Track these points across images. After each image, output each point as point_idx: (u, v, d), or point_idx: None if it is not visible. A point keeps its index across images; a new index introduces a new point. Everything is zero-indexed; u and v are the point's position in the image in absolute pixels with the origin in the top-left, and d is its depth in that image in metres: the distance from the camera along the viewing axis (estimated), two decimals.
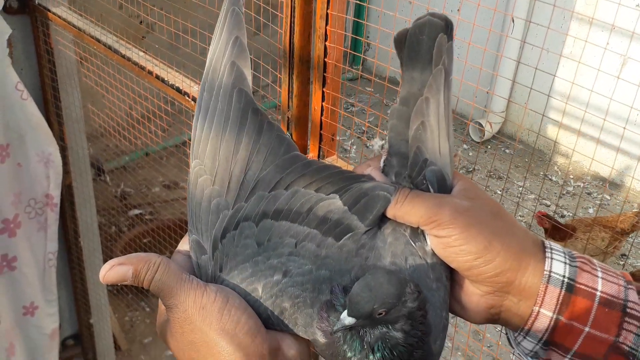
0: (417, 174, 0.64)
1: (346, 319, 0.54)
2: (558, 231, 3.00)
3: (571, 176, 4.23)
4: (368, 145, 0.69)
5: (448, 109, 0.65)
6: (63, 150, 1.98)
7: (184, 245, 0.66)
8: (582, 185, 4.15)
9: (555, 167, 4.32)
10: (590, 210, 3.93)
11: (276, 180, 0.63)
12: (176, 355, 0.61)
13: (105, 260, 2.35)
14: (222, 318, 0.57)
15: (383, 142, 0.68)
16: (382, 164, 0.67)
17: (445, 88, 0.65)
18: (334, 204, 0.62)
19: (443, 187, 0.63)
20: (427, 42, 0.64)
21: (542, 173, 4.22)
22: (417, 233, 0.62)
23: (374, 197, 0.61)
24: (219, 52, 0.67)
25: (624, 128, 1.04)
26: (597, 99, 1.13)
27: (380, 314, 0.54)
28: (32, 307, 1.96)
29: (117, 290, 3.00)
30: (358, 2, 1.20)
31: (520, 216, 3.64)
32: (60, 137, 2.04)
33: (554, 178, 4.22)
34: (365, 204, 0.61)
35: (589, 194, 4.09)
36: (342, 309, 0.55)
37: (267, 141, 0.64)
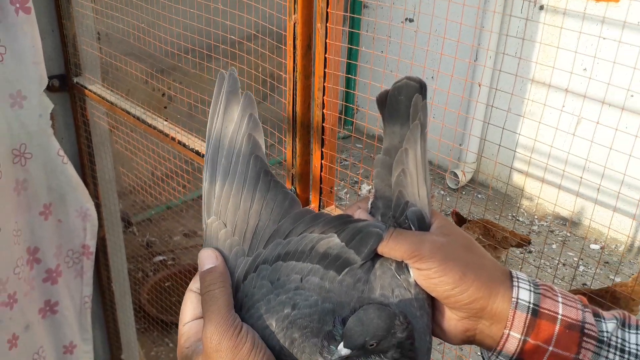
0: (400, 215, 0.64)
1: (342, 350, 0.54)
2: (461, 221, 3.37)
3: (536, 217, 4.23)
4: (360, 193, 0.71)
5: (424, 157, 0.67)
6: (97, 207, 1.98)
7: (195, 284, 0.65)
8: (545, 224, 4.15)
9: (522, 209, 4.32)
10: (554, 246, 3.92)
11: (289, 229, 0.64)
12: None
13: (134, 302, 2.33)
14: (249, 357, 0.56)
15: (370, 187, 0.69)
16: (369, 206, 0.67)
17: (421, 140, 0.66)
18: (332, 241, 0.62)
19: (423, 225, 0.64)
20: (405, 102, 0.66)
21: (510, 215, 4.22)
22: (402, 266, 0.62)
23: (368, 234, 0.62)
24: (235, 126, 0.68)
25: (581, 177, 1.05)
26: (555, 151, 1.15)
27: (372, 345, 0.54)
28: (71, 346, 1.93)
29: (144, 329, 2.96)
30: (348, 75, 1.22)
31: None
32: (95, 196, 2.05)
33: (520, 219, 4.22)
34: (360, 239, 0.62)
35: (551, 231, 4.09)
36: (341, 339, 0.55)
37: (274, 196, 0.65)
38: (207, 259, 0.62)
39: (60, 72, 1.89)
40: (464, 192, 4.49)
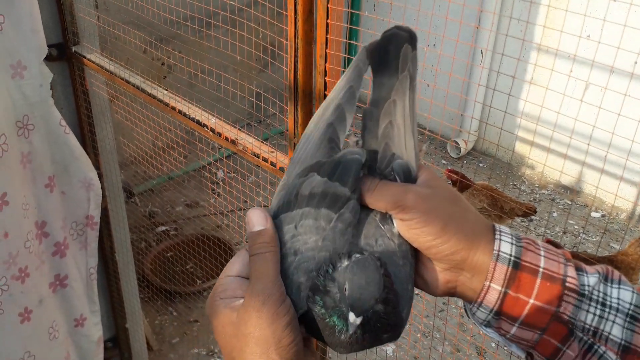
0: (386, 167, 0.64)
1: (356, 320, 0.54)
2: (463, 182, 3.21)
3: (537, 185, 4.23)
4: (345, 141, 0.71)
5: (413, 109, 0.66)
6: (99, 177, 1.97)
7: (235, 265, 0.64)
8: (546, 192, 4.15)
9: (523, 178, 4.32)
10: (555, 214, 3.92)
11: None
12: (223, 338, 0.59)
13: (137, 272, 2.34)
14: (284, 332, 0.56)
15: (357, 138, 0.68)
16: None
17: (410, 91, 0.65)
18: (314, 180, 0.62)
19: (408, 177, 0.64)
20: (394, 52, 0.65)
21: (512, 183, 4.22)
22: (386, 217, 0.62)
23: (348, 162, 0.62)
24: (334, 95, 0.68)
25: (588, 144, 1.03)
26: (557, 119, 1.13)
27: (377, 301, 0.54)
28: (82, 319, 1.94)
29: (148, 298, 2.99)
30: (350, 41, 1.20)
31: (495, 221, 3.63)
32: (96, 166, 2.04)
33: (522, 187, 4.21)
34: (342, 169, 0.61)
35: (552, 200, 4.09)
36: (323, 289, 0.56)
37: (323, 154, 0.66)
38: (258, 219, 0.61)
39: (58, 41, 1.86)
40: (465, 161, 4.48)
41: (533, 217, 3.79)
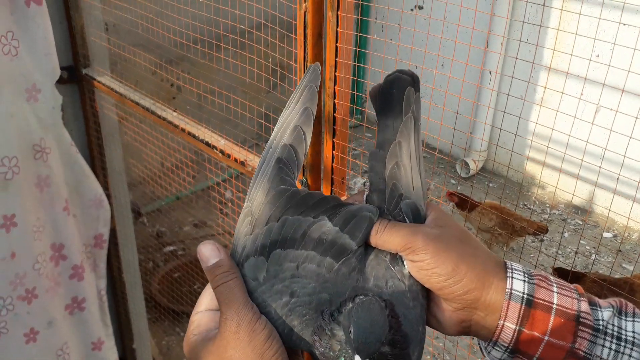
0: (394, 207, 0.64)
1: None
2: (464, 203, 3.20)
3: (547, 205, 4.21)
4: (351, 185, 0.71)
5: (418, 150, 0.67)
6: (108, 198, 1.98)
7: (204, 300, 0.64)
8: (557, 212, 4.12)
9: (533, 198, 4.30)
10: (566, 234, 3.89)
11: (268, 216, 0.63)
12: None
13: (145, 293, 2.34)
14: (264, 346, 0.57)
15: (364, 180, 0.69)
16: (364, 200, 0.67)
17: (414, 132, 0.66)
18: (325, 226, 0.61)
19: (417, 217, 0.64)
20: (397, 95, 0.66)
21: (522, 203, 4.20)
22: (396, 258, 0.62)
23: (362, 218, 0.62)
24: (289, 119, 0.69)
25: (600, 167, 1.03)
26: (565, 139, 1.13)
27: (383, 344, 0.54)
28: (99, 343, 1.94)
29: (155, 318, 2.98)
30: (359, 64, 1.21)
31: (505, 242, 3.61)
32: (105, 187, 2.05)
33: (532, 207, 4.19)
34: (355, 224, 0.61)
35: (564, 220, 4.06)
36: (329, 333, 0.56)
37: (275, 187, 0.65)
38: (211, 252, 0.61)
39: (68, 64, 1.89)
40: (475, 181, 4.46)
41: (544, 237, 3.76)
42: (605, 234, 3.92)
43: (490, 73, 3.49)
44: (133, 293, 2.26)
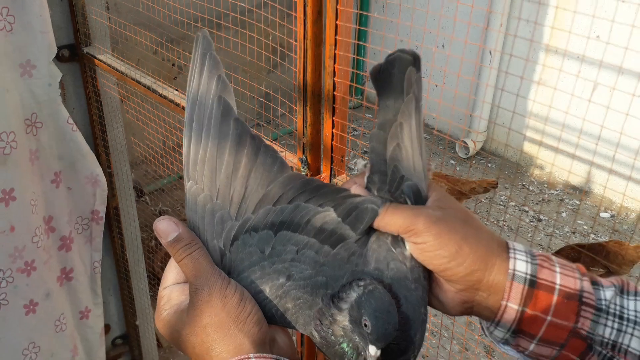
0: (396, 189, 0.64)
1: (376, 353, 0.54)
2: None
3: (546, 185, 4.21)
4: (351, 165, 0.71)
5: (420, 130, 0.66)
6: (110, 177, 1.99)
7: (170, 275, 0.64)
8: (555, 192, 4.13)
9: (531, 178, 4.30)
10: (564, 214, 3.91)
11: (279, 195, 0.63)
12: (183, 341, 0.60)
13: (147, 270, 2.35)
14: (238, 307, 0.57)
15: (365, 162, 0.68)
16: (365, 181, 0.67)
17: (416, 113, 0.65)
18: (329, 216, 0.62)
19: (419, 199, 0.63)
20: (398, 75, 0.65)
21: (521, 183, 4.20)
22: (397, 240, 0.62)
23: (364, 210, 0.62)
24: (202, 88, 0.66)
25: (596, 144, 1.03)
26: (566, 120, 1.13)
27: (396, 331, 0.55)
28: (87, 311, 1.97)
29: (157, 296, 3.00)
30: (359, 42, 1.21)
31: (503, 221, 3.62)
32: (107, 165, 2.05)
33: (531, 187, 4.20)
34: (356, 215, 0.62)
35: (561, 200, 4.07)
36: (330, 318, 0.56)
37: (264, 161, 0.64)
38: (168, 227, 0.61)
39: (69, 42, 1.88)
40: (474, 161, 4.46)
41: (542, 218, 3.78)
42: (603, 214, 3.93)
43: (490, 53, 3.48)
44: (136, 270, 2.28)
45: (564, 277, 0.59)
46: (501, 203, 3.75)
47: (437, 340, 2.61)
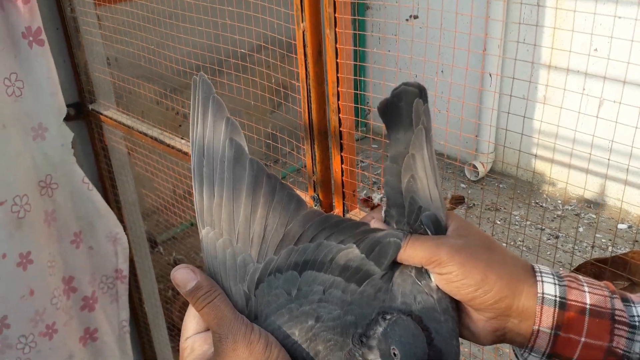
0: (415, 221, 0.63)
1: None
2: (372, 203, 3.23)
3: (559, 201, 4.18)
4: (367, 197, 0.70)
5: (432, 160, 0.66)
6: (124, 230, 1.99)
7: (190, 325, 0.63)
8: (569, 208, 4.10)
9: (544, 195, 4.28)
10: (581, 229, 3.87)
11: (299, 233, 0.62)
12: None
13: (166, 321, 2.34)
14: (265, 353, 0.56)
15: (381, 195, 0.68)
16: (383, 215, 0.66)
17: (427, 143, 0.65)
18: (352, 253, 0.61)
19: (439, 228, 0.63)
20: (406, 107, 0.65)
21: (534, 201, 4.18)
22: (422, 272, 0.61)
23: (387, 244, 0.61)
24: (209, 132, 0.65)
25: (608, 159, 1.03)
26: (566, 132, 1.13)
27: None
28: None
29: (179, 347, 2.97)
30: (358, 78, 1.22)
31: (520, 241, 3.59)
32: (119, 219, 2.06)
33: (544, 205, 4.17)
34: (380, 250, 0.61)
35: (577, 215, 4.04)
36: (361, 358, 0.55)
37: (280, 199, 0.63)
38: (186, 276, 0.60)
39: (75, 101, 1.91)
40: (484, 183, 4.45)
41: (559, 234, 3.74)
42: (620, 226, 3.89)
43: (490, 76, 3.50)
44: (155, 322, 2.26)
45: (594, 297, 0.58)
46: (516, 223, 3.72)
47: None
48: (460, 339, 0.62)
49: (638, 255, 2.48)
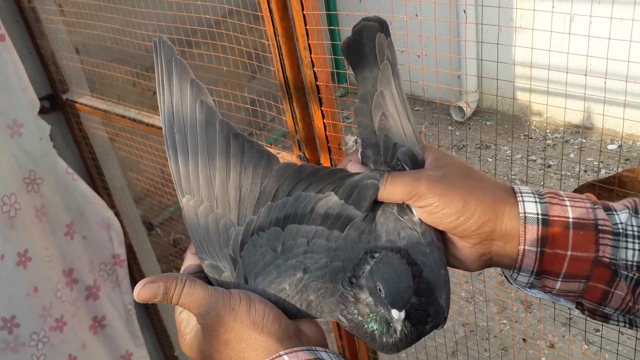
0: (391, 158, 0.63)
1: (400, 315, 0.53)
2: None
3: (548, 130, 4.20)
4: (344, 142, 0.70)
5: (402, 95, 0.65)
6: (117, 216, 1.99)
7: (189, 264, 0.65)
8: (558, 136, 4.12)
9: (533, 126, 4.29)
10: (572, 155, 3.89)
11: (275, 189, 0.62)
12: (213, 359, 0.60)
13: None
14: (250, 314, 0.57)
15: (355, 137, 0.68)
16: (360, 157, 0.66)
17: (394, 78, 0.65)
18: (331, 200, 0.61)
19: (416, 163, 0.63)
20: (368, 44, 0.64)
21: (523, 134, 4.19)
22: (404, 208, 0.61)
23: (364, 186, 0.61)
24: (177, 97, 0.64)
25: (585, 75, 1.03)
26: (543, 58, 1.12)
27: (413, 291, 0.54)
28: (128, 354, 1.97)
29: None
30: (331, 27, 1.20)
31: (514, 175, 3.62)
32: (111, 206, 2.06)
33: (533, 136, 4.19)
34: (358, 193, 0.61)
35: (566, 141, 4.06)
36: (353, 299, 0.56)
37: (250, 158, 0.63)
38: (150, 289, 0.58)
39: (47, 93, 1.88)
40: (472, 122, 4.45)
41: (551, 163, 3.76)
42: (610, 146, 3.92)
43: (464, 11, 3.46)
44: (162, 304, 2.28)
45: (576, 210, 0.58)
46: (507, 158, 3.74)
47: (473, 307, 2.61)
48: (448, 268, 0.63)
49: (630, 172, 2.50)
